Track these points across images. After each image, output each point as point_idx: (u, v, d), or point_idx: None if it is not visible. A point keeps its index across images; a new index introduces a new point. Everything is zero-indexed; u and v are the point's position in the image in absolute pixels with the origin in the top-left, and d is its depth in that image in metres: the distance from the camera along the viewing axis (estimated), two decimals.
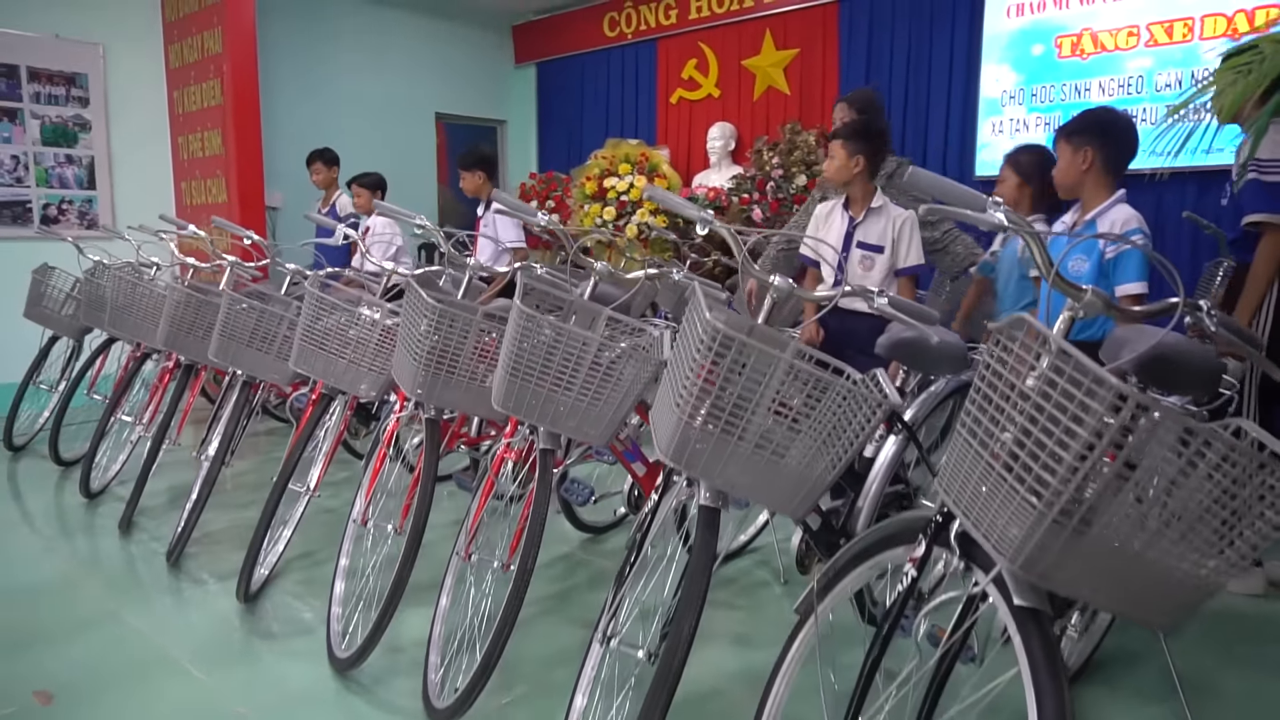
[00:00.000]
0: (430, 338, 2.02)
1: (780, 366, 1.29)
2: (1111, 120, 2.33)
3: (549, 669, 2.27)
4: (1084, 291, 1.18)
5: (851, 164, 2.93)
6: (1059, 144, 2.39)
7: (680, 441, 1.36)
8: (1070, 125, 2.37)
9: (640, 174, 6.40)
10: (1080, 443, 0.93)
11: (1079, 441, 0.93)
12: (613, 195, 6.44)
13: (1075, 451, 0.93)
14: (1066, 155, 2.35)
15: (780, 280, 1.55)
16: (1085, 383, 0.93)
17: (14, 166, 5.30)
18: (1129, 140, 2.33)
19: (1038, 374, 1.00)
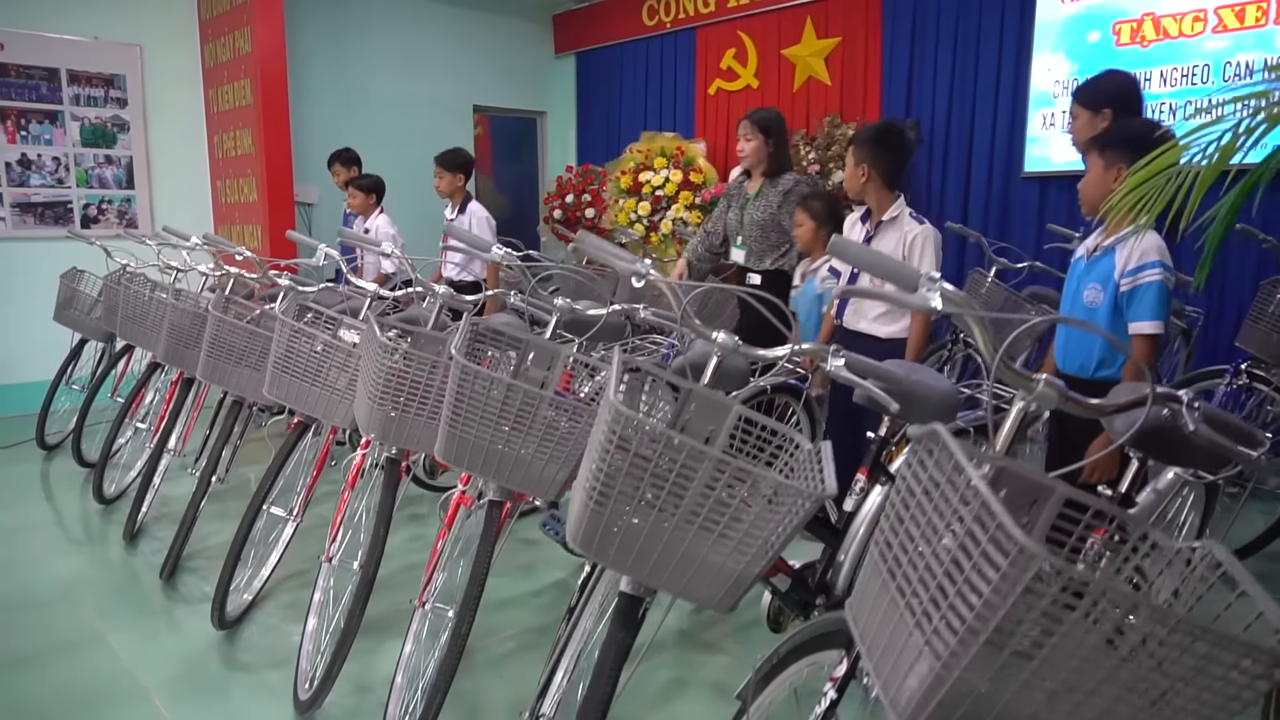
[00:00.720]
0: (383, 376, 1.93)
1: (705, 469, 1.14)
2: (1150, 134, 2.08)
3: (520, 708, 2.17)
4: (1034, 382, 1.01)
5: (858, 173, 2.76)
6: (1089, 153, 2.15)
7: (588, 527, 1.23)
8: (1105, 135, 2.13)
9: (676, 168, 6.24)
10: (982, 602, 0.77)
11: (981, 600, 0.77)
12: (648, 190, 6.30)
13: (978, 610, 0.77)
14: (1097, 169, 2.11)
15: (724, 336, 1.40)
16: (989, 530, 0.77)
17: (55, 168, 5.41)
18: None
19: (946, 504, 0.84)
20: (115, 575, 3.02)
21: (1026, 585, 0.74)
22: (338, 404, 2.34)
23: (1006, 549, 0.75)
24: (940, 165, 5.45)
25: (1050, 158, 4.98)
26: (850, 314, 2.78)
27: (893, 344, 2.68)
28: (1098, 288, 2.09)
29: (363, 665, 2.39)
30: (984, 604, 0.77)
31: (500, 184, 8.89)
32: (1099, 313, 2.08)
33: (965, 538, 0.80)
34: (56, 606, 2.77)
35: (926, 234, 2.68)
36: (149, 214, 5.78)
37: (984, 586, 0.77)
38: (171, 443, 3.41)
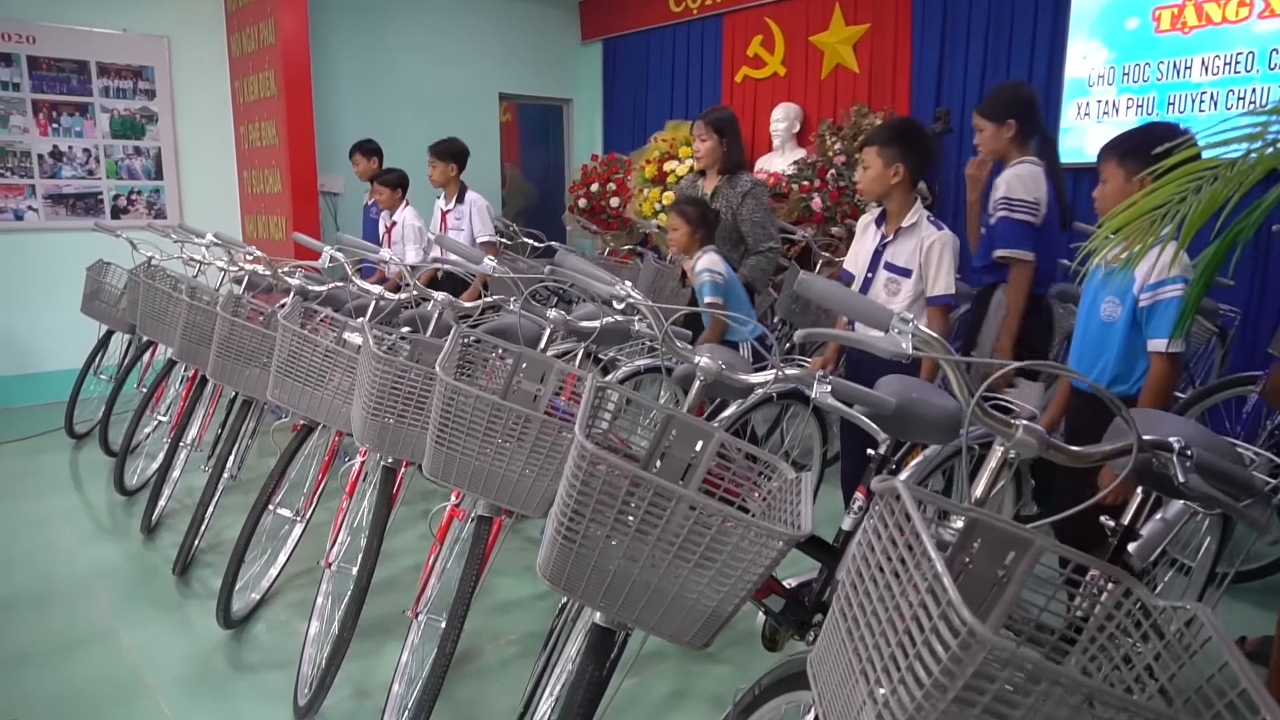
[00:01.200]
0: (377, 386, 1.91)
1: (675, 509, 1.10)
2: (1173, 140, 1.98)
3: None
4: (1013, 429, 0.95)
5: (889, 173, 2.59)
6: (1107, 163, 2.07)
7: (557, 561, 1.20)
8: (1123, 145, 2.03)
9: None
10: (931, 682, 0.72)
11: (931, 679, 0.73)
12: (673, 180, 6.23)
13: (926, 688, 0.73)
14: (1117, 179, 2.02)
15: (707, 361, 1.36)
16: (940, 604, 0.73)
17: (85, 159, 5.49)
18: None
19: (904, 567, 0.80)
20: (131, 569, 3.07)
21: (977, 668, 0.69)
22: (340, 408, 2.34)
23: (956, 628, 0.71)
24: (971, 155, 5.30)
25: (1084, 149, 4.82)
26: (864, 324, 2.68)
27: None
28: (1115, 301, 2.01)
29: (364, 668, 2.40)
30: (933, 683, 0.72)
31: (528, 171, 8.86)
32: (1115, 327, 2.00)
33: (919, 608, 0.76)
34: (73, 601, 2.82)
35: (945, 240, 2.56)
36: (177, 205, 5.85)
37: (934, 666, 0.72)
38: (190, 436, 3.47)
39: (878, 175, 2.61)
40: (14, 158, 5.25)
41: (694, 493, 1.11)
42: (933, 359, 1.00)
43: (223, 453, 2.87)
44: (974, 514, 0.93)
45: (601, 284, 1.45)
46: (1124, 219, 1.18)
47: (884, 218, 2.70)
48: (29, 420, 4.98)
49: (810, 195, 5.43)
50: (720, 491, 1.45)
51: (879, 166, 2.60)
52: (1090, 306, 2.09)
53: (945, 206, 5.39)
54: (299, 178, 5.39)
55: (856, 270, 2.74)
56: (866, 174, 2.65)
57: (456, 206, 4.66)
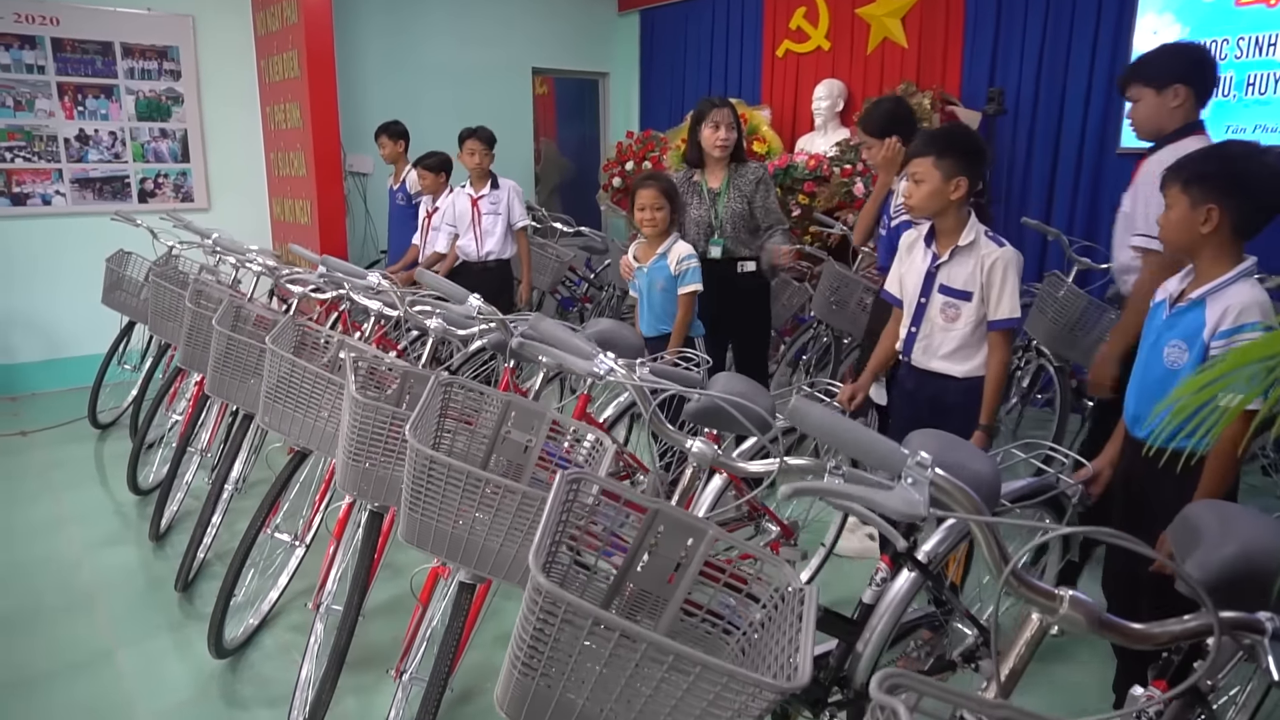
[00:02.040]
0: (355, 429, 1.76)
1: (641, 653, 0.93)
2: (1248, 170, 1.71)
3: None
4: (1058, 601, 0.76)
5: (950, 188, 2.23)
6: (1168, 187, 1.80)
7: (515, 694, 1.04)
8: (1189, 168, 1.76)
9: None
10: None
11: None
12: None
13: None
14: (1181, 208, 1.75)
15: (700, 445, 1.18)
16: None
17: (112, 143, 5.42)
18: (1271, 196, 1.72)
19: None
20: (136, 581, 3.00)
21: None
22: (334, 436, 2.20)
23: None
24: (1025, 139, 4.98)
25: None
26: (919, 351, 2.41)
27: (972, 383, 2.33)
28: (1182, 346, 1.76)
29: (362, 705, 2.29)
30: None
31: (564, 146, 8.64)
32: (1179, 375, 1.76)
33: None
34: (76, 617, 2.76)
35: (1008, 259, 2.26)
36: (204, 187, 5.77)
37: None
38: (203, 440, 3.39)
39: (936, 191, 2.26)
40: (41, 142, 5.20)
41: (663, 638, 0.93)
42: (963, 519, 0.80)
43: (223, 466, 2.77)
44: (999, 713, 0.74)
45: (577, 356, 1.27)
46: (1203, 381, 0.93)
47: (933, 235, 2.39)
48: (57, 406, 4.99)
49: (852, 180, 5.14)
50: (723, 581, 1.27)
51: (937, 180, 2.25)
52: (1152, 348, 1.85)
53: (997, 194, 5.08)
54: (323, 161, 5.25)
55: (905, 295, 2.46)
56: (921, 189, 2.27)
57: (492, 192, 4.55)
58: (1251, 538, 1.15)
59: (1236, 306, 1.67)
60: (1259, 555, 1.12)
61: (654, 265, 3.13)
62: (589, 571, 1.33)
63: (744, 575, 1.26)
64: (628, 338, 2.34)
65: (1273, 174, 1.71)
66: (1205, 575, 1.12)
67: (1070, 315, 3.31)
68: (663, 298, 3.16)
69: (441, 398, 1.70)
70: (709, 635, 1.30)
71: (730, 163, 3.42)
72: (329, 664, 1.89)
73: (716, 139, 3.33)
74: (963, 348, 2.33)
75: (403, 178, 5.22)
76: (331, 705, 2.10)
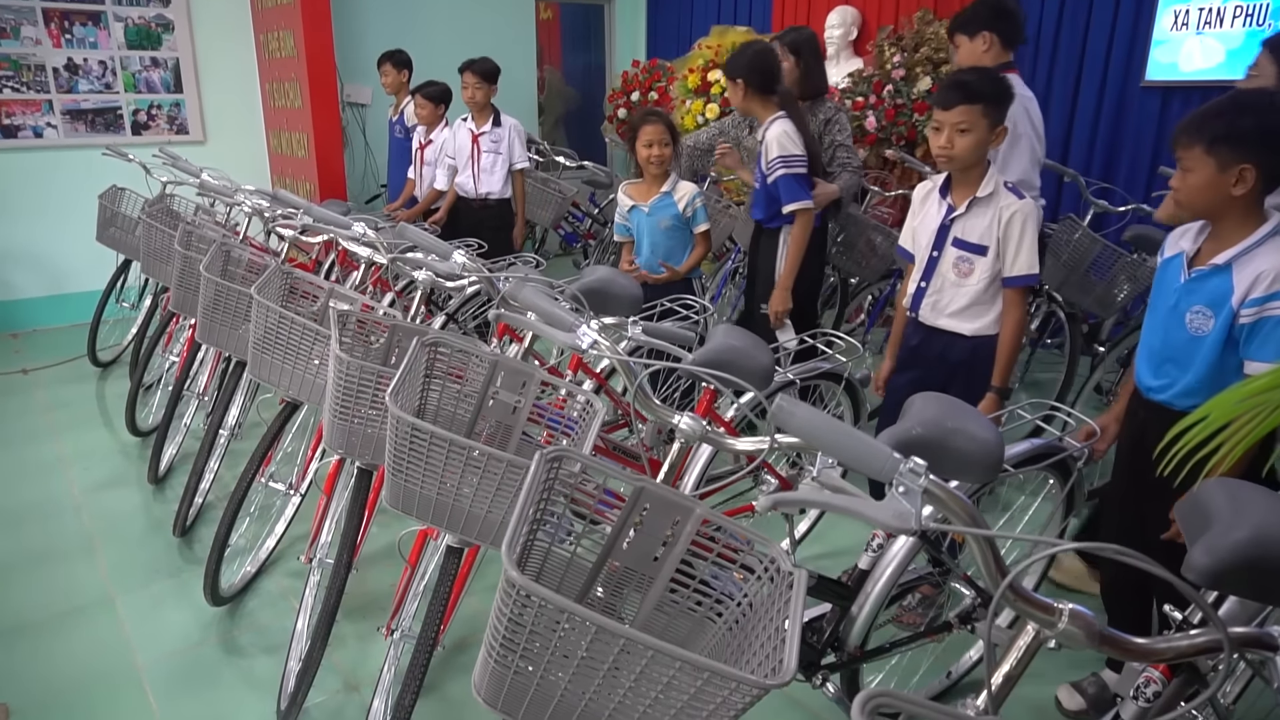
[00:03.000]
0: (340, 386, 1.72)
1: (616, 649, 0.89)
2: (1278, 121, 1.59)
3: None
4: (1057, 615, 0.71)
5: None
6: (1189, 150, 1.61)
7: (492, 682, 1.01)
8: (1215, 126, 1.60)
9: None
10: None
11: None
12: (716, 90, 5.80)
13: None
14: (1207, 170, 1.61)
15: (688, 421, 1.12)
16: None
17: (102, 72, 5.27)
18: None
19: None
20: (135, 525, 3.00)
21: None
22: (324, 388, 2.16)
23: None
24: (1046, 69, 4.78)
25: (1179, 64, 4.29)
26: (928, 308, 2.32)
27: (980, 342, 2.25)
28: (1206, 312, 1.66)
29: (354, 659, 2.31)
30: None
31: (569, 75, 8.39)
32: (1205, 343, 1.67)
33: None
34: (76, 562, 2.77)
35: (1028, 211, 2.14)
36: (199, 119, 5.63)
37: None
38: (200, 384, 3.36)
39: (980, 142, 2.10)
40: (29, 72, 5.05)
41: (640, 634, 0.89)
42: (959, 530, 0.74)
43: (217, 412, 2.74)
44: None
45: (558, 327, 1.21)
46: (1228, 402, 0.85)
47: (948, 187, 2.27)
48: (59, 342, 4.97)
49: (864, 113, 4.97)
50: (713, 555, 1.23)
51: (984, 130, 2.06)
52: (1170, 312, 1.75)
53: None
54: (319, 91, 5.11)
55: (916, 249, 2.35)
56: (965, 139, 2.09)
57: (493, 129, 4.42)
58: (1265, 521, 1.09)
59: (1271, 271, 1.58)
60: (1273, 541, 1.06)
61: (657, 204, 3.04)
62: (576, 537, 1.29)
63: (736, 547, 1.22)
64: (625, 288, 2.27)
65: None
66: (1214, 561, 1.06)
67: (1084, 260, 3.21)
68: (666, 237, 3.08)
69: (427, 357, 1.64)
70: (698, 609, 1.26)
71: (805, 100, 3.30)
72: (319, 620, 1.88)
73: None
74: (974, 305, 2.24)
75: (401, 109, 5.07)
76: (329, 653, 2.12)
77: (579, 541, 1.21)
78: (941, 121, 2.14)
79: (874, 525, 0.81)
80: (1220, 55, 4.12)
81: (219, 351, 3.31)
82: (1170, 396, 1.77)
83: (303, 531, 2.70)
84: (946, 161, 2.18)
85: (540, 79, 7.36)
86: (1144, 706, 1.16)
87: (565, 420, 1.69)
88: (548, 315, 1.28)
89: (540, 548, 1.24)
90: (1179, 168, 1.67)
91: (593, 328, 1.20)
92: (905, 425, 1.34)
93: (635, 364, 1.17)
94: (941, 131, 2.14)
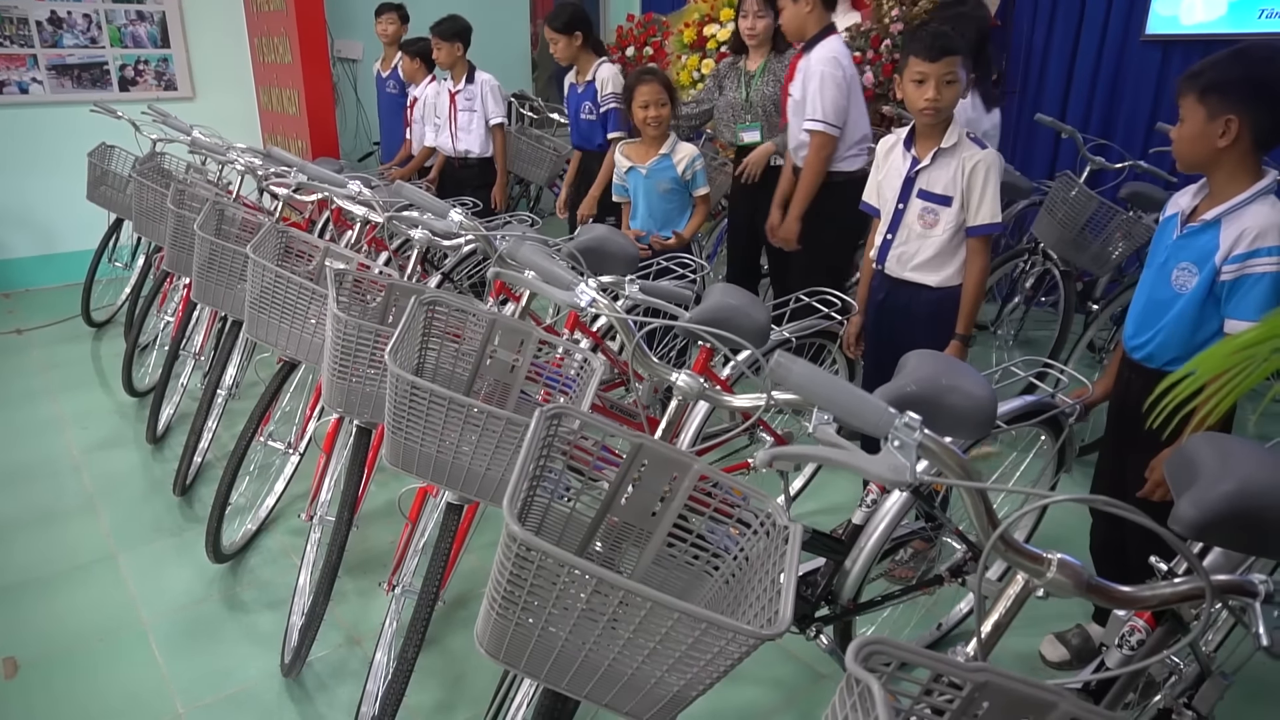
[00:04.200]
0: (339, 346, 1.72)
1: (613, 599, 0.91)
2: (1272, 75, 1.58)
3: None
4: (1045, 565, 0.73)
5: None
6: (1185, 98, 1.65)
7: (494, 633, 1.04)
8: (1206, 75, 1.60)
9: None
10: None
11: None
12: (713, 45, 5.72)
13: None
14: (1196, 120, 1.61)
15: (685, 379, 1.13)
16: None
17: (87, 26, 5.17)
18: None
19: None
20: (136, 484, 3.03)
21: None
22: (322, 347, 2.16)
23: None
24: (1045, 23, 4.73)
25: (1179, 17, 4.25)
26: (894, 260, 2.35)
27: (946, 293, 2.28)
28: (1191, 269, 1.68)
29: (356, 614, 2.35)
30: None
31: None
32: (1186, 300, 1.68)
33: None
34: (77, 520, 2.80)
35: (990, 161, 2.18)
36: (188, 75, 5.54)
37: None
38: (196, 344, 3.37)
39: (952, 93, 2.13)
40: (10, 25, 4.96)
41: (639, 585, 0.91)
42: (952, 483, 0.76)
43: (215, 371, 2.74)
44: (984, 676, 0.72)
45: (556, 285, 1.21)
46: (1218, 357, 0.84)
47: (913, 139, 2.29)
48: (52, 302, 4.96)
49: (862, 68, 4.91)
50: (710, 510, 1.25)
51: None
52: (1160, 269, 1.76)
53: (1012, 85, 4.87)
54: (309, 46, 5.02)
55: (881, 203, 2.37)
56: (952, 90, 2.12)
57: (467, 87, 4.40)
58: (1251, 475, 1.11)
59: (1254, 229, 1.59)
60: (1259, 494, 1.08)
61: (655, 166, 3.01)
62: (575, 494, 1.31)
63: (733, 502, 1.24)
64: (623, 247, 2.26)
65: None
66: (1201, 513, 1.08)
67: (1080, 218, 3.21)
68: (664, 200, 3.06)
69: (425, 316, 1.65)
70: (695, 563, 1.29)
71: (777, 49, 3.42)
72: (321, 577, 1.91)
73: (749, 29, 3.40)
74: (939, 255, 2.28)
75: (394, 64, 5.00)
76: (331, 608, 2.15)
77: (578, 498, 1.23)
78: (927, 73, 2.13)
79: (870, 478, 0.82)
80: (1222, 8, 4.07)
81: (215, 311, 3.32)
82: (1149, 353, 1.80)
83: (303, 489, 2.74)
84: (934, 114, 2.18)
85: (534, 34, 7.24)
86: (1128, 654, 1.19)
87: (563, 379, 1.71)
88: (546, 273, 1.28)
89: (540, 504, 1.26)
90: (1180, 118, 1.67)
91: (591, 286, 1.21)
92: (900, 382, 1.35)
93: (633, 322, 1.18)
94: (927, 83, 2.14)
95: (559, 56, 3.96)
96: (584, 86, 4.02)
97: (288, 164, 2.64)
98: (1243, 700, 2.02)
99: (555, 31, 3.87)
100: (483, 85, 4.38)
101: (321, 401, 1.88)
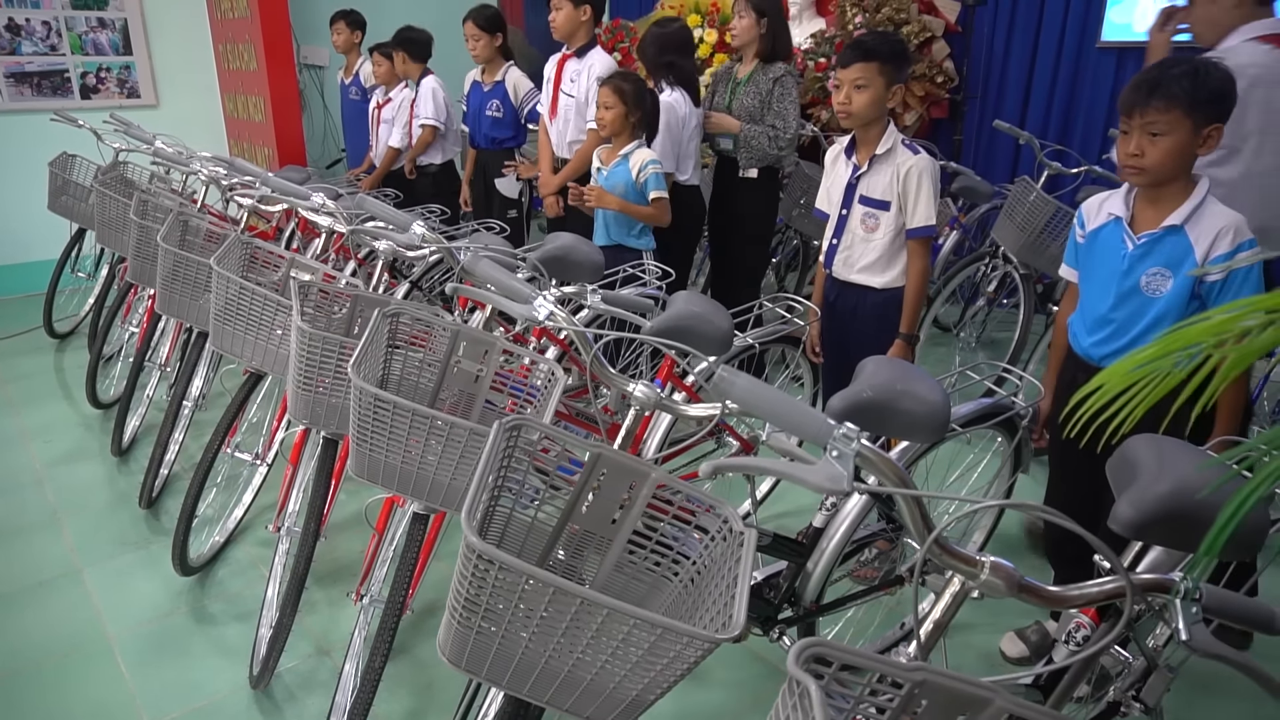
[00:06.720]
0: (302, 357, 1.73)
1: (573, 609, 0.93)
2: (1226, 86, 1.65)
3: None
4: (979, 567, 0.76)
5: (888, 96, 2.25)
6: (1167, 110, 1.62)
7: (455, 641, 1.05)
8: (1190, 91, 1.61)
9: (711, 27, 5.66)
10: None
11: None
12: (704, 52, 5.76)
13: None
14: (1181, 134, 1.63)
15: (642, 390, 1.16)
16: None
17: (46, 34, 5.11)
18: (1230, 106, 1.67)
19: None
20: (100, 498, 3.00)
21: None
22: (287, 359, 2.16)
23: None
24: (1005, 31, 4.82)
25: (1132, 25, 4.35)
26: (840, 264, 2.44)
27: (891, 294, 2.37)
28: (1165, 273, 1.71)
29: (325, 625, 2.35)
30: None
31: (534, 36, 8.25)
32: (1168, 301, 1.72)
33: None
34: (41, 534, 2.77)
35: (923, 165, 2.26)
36: (151, 83, 5.49)
37: None
38: (161, 355, 3.34)
39: (877, 99, 2.24)
40: None
41: (597, 594, 0.94)
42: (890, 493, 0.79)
43: (180, 383, 2.73)
44: (920, 676, 0.75)
45: (514, 300, 1.24)
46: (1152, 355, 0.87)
47: (854, 147, 2.39)
48: (12, 314, 4.89)
49: (826, 74, 4.98)
50: (668, 518, 1.28)
51: (880, 88, 2.23)
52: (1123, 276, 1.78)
53: (973, 90, 4.95)
54: (274, 52, 5.00)
55: (830, 208, 2.46)
56: (862, 95, 2.23)
57: (408, 91, 4.57)
58: (1186, 475, 1.16)
59: (1229, 228, 1.65)
60: (1193, 494, 1.13)
61: (614, 169, 3.03)
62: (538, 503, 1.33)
63: (691, 508, 1.27)
64: (588, 255, 2.29)
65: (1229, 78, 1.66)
66: (1138, 513, 1.13)
67: (1038, 221, 3.28)
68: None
69: (389, 326, 1.66)
70: (656, 569, 1.31)
71: (764, 58, 3.40)
72: (289, 588, 1.91)
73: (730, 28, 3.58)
74: (881, 258, 2.37)
75: (355, 70, 4.99)
76: (300, 619, 2.15)
77: (540, 507, 1.25)
78: (841, 79, 2.25)
79: (809, 488, 0.85)
80: None
81: (179, 323, 3.30)
82: (1088, 348, 1.86)
83: (270, 501, 2.73)
84: (846, 118, 2.28)
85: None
86: (1074, 649, 1.23)
87: (528, 387, 1.73)
88: (505, 288, 1.30)
89: (502, 513, 1.28)
90: (1143, 132, 1.66)
91: (549, 298, 1.23)
92: (856, 389, 1.39)
93: (590, 334, 1.20)
94: (841, 89, 2.25)
95: (478, 55, 4.15)
96: (491, 86, 4.19)
97: (251, 175, 2.63)
98: (1195, 691, 2.09)
99: (479, 29, 4.05)
100: (423, 87, 4.46)
101: (288, 414, 1.89)
